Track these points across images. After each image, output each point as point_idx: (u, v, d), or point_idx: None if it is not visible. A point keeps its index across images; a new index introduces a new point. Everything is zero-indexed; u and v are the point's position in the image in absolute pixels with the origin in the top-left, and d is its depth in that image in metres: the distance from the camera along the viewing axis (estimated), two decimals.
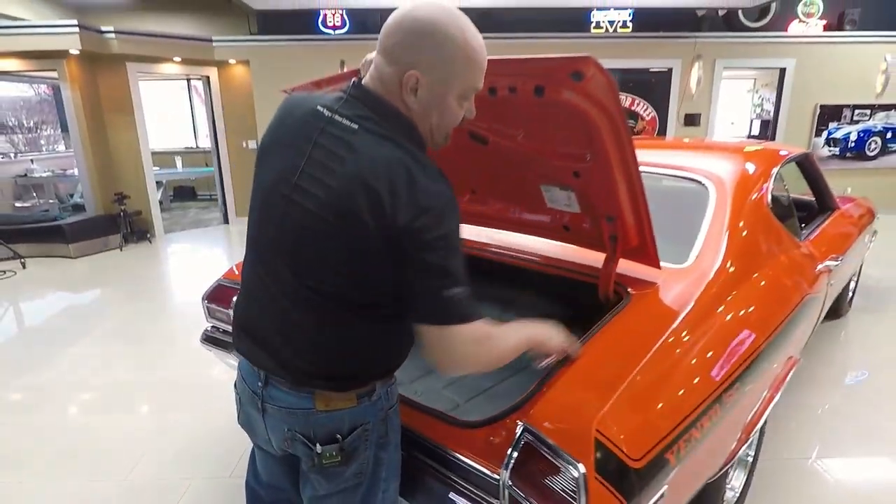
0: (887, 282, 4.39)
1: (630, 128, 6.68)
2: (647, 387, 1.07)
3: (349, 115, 0.87)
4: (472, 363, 0.93)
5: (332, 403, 0.94)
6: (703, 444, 1.11)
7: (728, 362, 1.23)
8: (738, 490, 1.78)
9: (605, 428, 0.94)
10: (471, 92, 0.92)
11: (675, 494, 1.10)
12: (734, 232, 1.60)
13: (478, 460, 1.07)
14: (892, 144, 6.94)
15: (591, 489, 0.88)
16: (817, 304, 1.92)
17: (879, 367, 2.98)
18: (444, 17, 0.84)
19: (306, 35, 6.35)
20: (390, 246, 0.83)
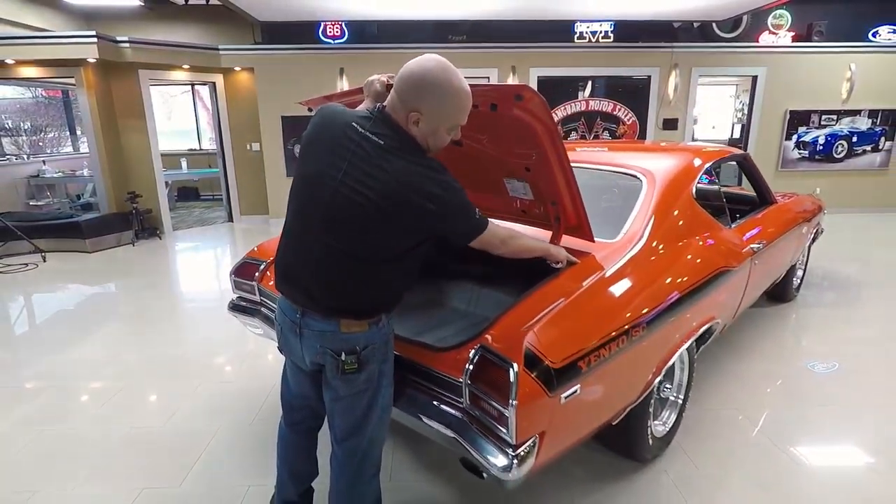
0: (841, 273, 4.81)
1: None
2: (568, 316, 1.48)
3: (377, 132, 1.27)
4: (509, 246, 1.49)
5: (351, 328, 1.35)
6: (612, 363, 1.51)
7: (637, 307, 1.64)
8: (668, 426, 2.20)
9: (534, 341, 1.36)
10: (456, 126, 1.34)
11: (592, 396, 1.51)
12: (659, 215, 2.02)
13: (449, 372, 1.48)
14: (858, 148, 7.40)
15: (521, 380, 1.29)
16: (735, 277, 2.33)
17: (815, 341, 3.41)
18: (442, 76, 1.24)
19: (307, 44, 6.76)
20: (430, 225, 1.29)
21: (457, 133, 1.37)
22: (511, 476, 1.31)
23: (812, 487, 2.01)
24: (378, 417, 1.45)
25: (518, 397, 1.27)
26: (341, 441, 1.47)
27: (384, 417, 1.48)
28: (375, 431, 1.47)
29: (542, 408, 1.33)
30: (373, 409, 1.43)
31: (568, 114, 7.17)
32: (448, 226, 1.34)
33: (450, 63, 1.27)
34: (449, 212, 1.30)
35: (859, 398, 2.65)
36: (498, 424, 1.33)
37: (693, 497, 1.96)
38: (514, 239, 1.51)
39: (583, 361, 1.42)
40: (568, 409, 1.41)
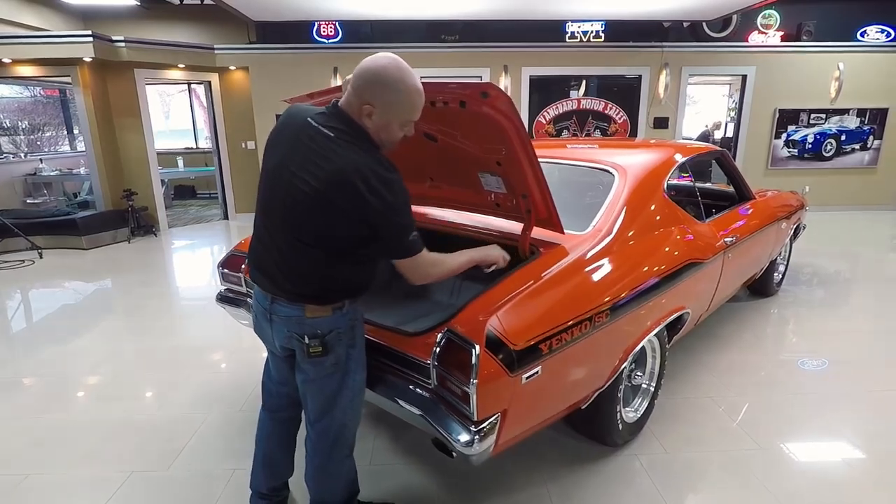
0: (828, 270, 4.89)
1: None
2: (531, 302, 1.56)
3: (329, 126, 1.34)
4: (431, 277, 1.47)
5: (315, 313, 1.43)
6: (575, 347, 1.59)
7: (601, 294, 1.72)
8: (640, 413, 2.28)
9: (496, 324, 1.43)
10: (408, 122, 1.39)
11: (555, 378, 1.59)
12: (629, 208, 2.10)
13: (419, 355, 1.56)
14: (846, 146, 7.49)
15: (482, 361, 1.36)
16: (707, 269, 2.41)
17: (794, 335, 3.50)
18: (396, 73, 1.31)
19: (302, 44, 6.83)
20: (365, 217, 1.29)
21: (409, 130, 1.42)
22: (474, 451, 1.39)
23: (781, 473, 2.09)
24: (349, 400, 1.52)
25: (479, 376, 1.35)
26: (314, 423, 1.55)
27: (355, 401, 1.56)
28: (346, 414, 1.54)
29: (502, 387, 1.41)
30: (342, 392, 1.50)
31: (560, 113, 7.25)
32: (383, 232, 1.33)
33: (403, 62, 1.34)
34: (389, 216, 1.31)
35: (833, 389, 2.73)
36: (461, 402, 1.41)
37: (663, 481, 2.04)
38: (440, 266, 1.47)
39: (544, 344, 1.50)
40: (529, 389, 1.49)
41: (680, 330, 2.38)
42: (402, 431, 2.35)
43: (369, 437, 2.33)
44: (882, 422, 2.43)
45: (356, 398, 1.56)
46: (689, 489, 2.00)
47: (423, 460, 2.17)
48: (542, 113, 7.23)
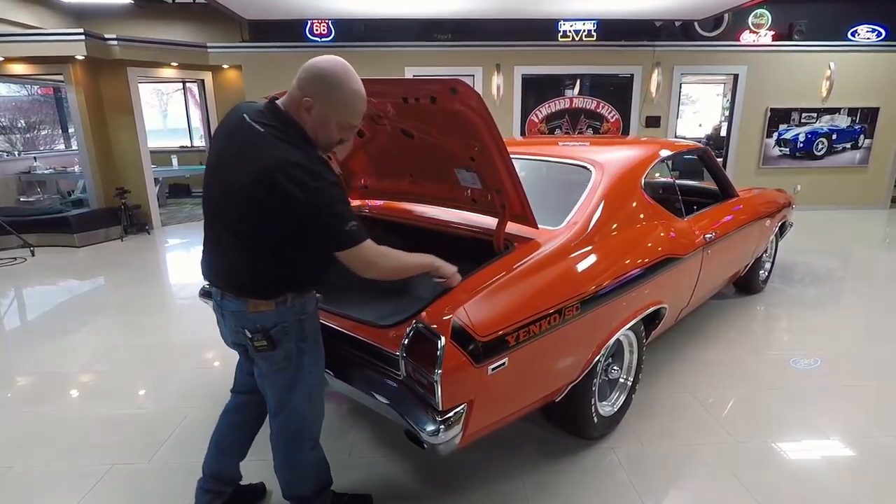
0: (818, 268, 4.92)
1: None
2: (499, 295, 1.59)
3: (261, 121, 1.34)
4: (378, 269, 1.42)
5: (258, 307, 1.42)
6: (544, 340, 1.62)
7: (571, 288, 1.75)
8: (616, 407, 2.31)
9: (463, 316, 1.46)
10: (347, 125, 1.39)
11: (523, 370, 1.62)
12: (605, 204, 2.13)
13: (390, 347, 1.59)
14: (838, 145, 7.52)
15: (447, 352, 1.39)
16: (685, 265, 2.43)
17: (778, 332, 3.53)
18: (342, 74, 1.33)
19: (294, 42, 6.86)
20: (293, 212, 1.27)
21: (349, 136, 1.43)
22: (440, 440, 1.41)
23: (754, 466, 2.12)
24: (305, 395, 1.53)
25: (443, 367, 1.37)
26: (274, 416, 1.58)
27: (313, 395, 1.56)
28: (305, 407, 1.55)
29: (467, 377, 1.43)
30: (296, 386, 1.51)
31: (552, 111, 7.28)
32: (314, 225, 1.32)
33: (351, 67, 1.36)
34: (316, 206, 1.29)
35: (813, 385, 2.76)
36: (428, 393, 1.43)
37: (637, 474, 2.06)
38: (387, 259, 1.43)
39: (511, 336, 1.52)
40: (496, 380, 1.51)
41: (658, 325, 2.40)
42: (381, 425, 2.38)
43: (349, 431, 2.36)
44: (860, 416, 2.46)
45: (314, 392, 1.57)
46: (662, 482, 2.03)
47: (402, 453, 2.20)
48: (534, 112, 7.26)
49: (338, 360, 1.74)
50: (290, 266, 1.41)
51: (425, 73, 6.98)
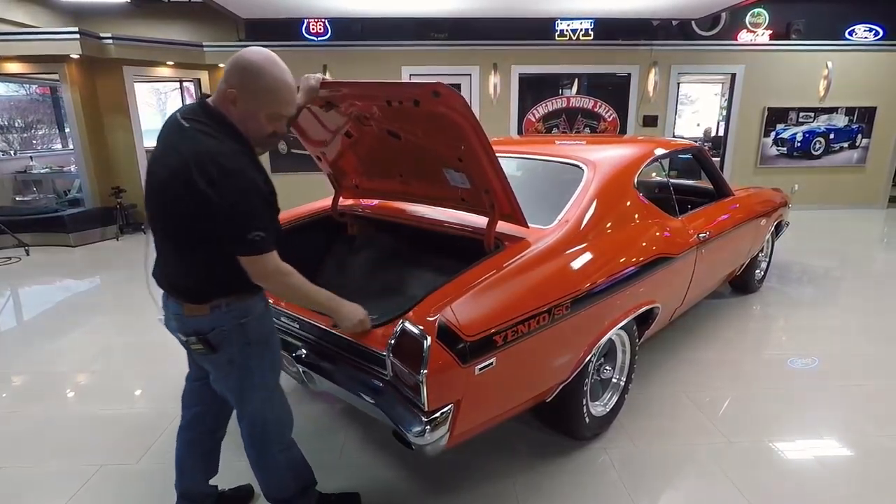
0: (816, 268, 4.91)
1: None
2: (487, 294, 1.57)
3: (188, 117, 1.32)
4: (272, 284, 1.36)
5: (193, 312, 1.38)
6: (533, 339, 1.61)
7: (560, 287, 1.73)
8: (609, 407, 2.29)
9: (449, 315, 1.45)
10: (277, 116, 1.36)
11: (512, 370, 1.60)
12: (596, 203, 2.11)
13: (376, 347, 1.57)
14: (835, 145, 7.51)
15: (433, 351, 1.38)
16: (678, 265, 2.42)
17: (773, 331, 3.52)
18: (265, 64, 1.30)
19: (291, 41, 6.83)
20: (205, 208, 1.23)
21: (281, 127, 1.40)
22: (426, 441, 1.40)
23: (747, 466, 2.10)
24: (262, 398, 1.50)
25: (429, 367, 1.36)
26: (239, 419, 1.55)
27: (271, 399, 1.53)
28: (264, 411, 1.52)
29: (454, 377, 1.42)
30: (247, 392, 1.48)
31: (549, 111, 7.26)
32: (222, 224, 1.25)
33: (276, 56, 1.34)
34: (223, 203, 1.22)
35: (810, 386, 2.75)
36: (414, 393, 1.42)
37: (628, 474, 2.05)
38: (286, 280, 1.36)
39: (498, 336, 1.51)
40: (484, 380, 1.50)
41: (651, 325, 2.39)
42: (372, 426, 2.36)
43: (340, 431, 2.35)
44: (855, 416, 2.45)
45: (273, 395, 1.53)
46: (654, 482, 2.02)
47: (393, 454, 2.18)
48: (531, 111, 7.24)
49: (325, 359, 1.72)
50: (219, 268, 1.32)
51: (422, 72, 6.96)
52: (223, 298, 1.38)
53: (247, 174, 1.27)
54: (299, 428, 2.38)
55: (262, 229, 1.27)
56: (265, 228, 1.28)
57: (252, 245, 1.27)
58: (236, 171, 1.25)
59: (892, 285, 4.35)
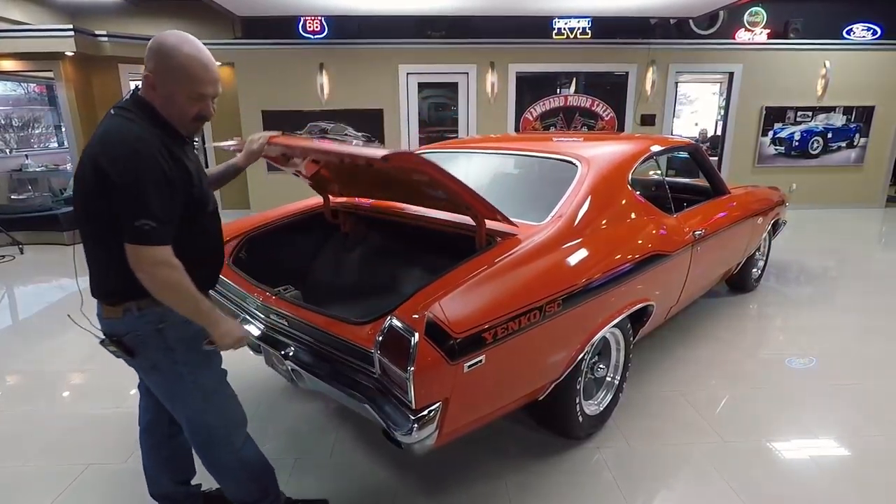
0: (813, 267, 4.89)
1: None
2: (476, 290, 1.54)
3: (117, 107, 1.29)
4: (149, 278, 1.22)
5: (108, 314, 1.35)
6: (523, 337, 1.58)
7: (553, 284, 1.71)
8: (603, 406, 2.27)
9: (437, 312, 1.42)
10: (196, 95, 1.30)
11: (502, 367, 1.58)
12: (590, 199, 2.09)
13: (364, 344, 1.54)
14: (833, 144, 7.49)
15: (421, 348, 1.35)
16: (673, 262, 2.40)
17: (769, 331, 3.50)
18: (173, 41, 1.27)
19: (288, 40, 6.80)
20: (103, 188, 1.18)
21: (204, 108, 1.35)
22: (413, 439, 1.37)
23: (741, 466, 2.08)
24: (199, 403, 1.44)
25: (417, 364, 1.34)
26: (182, 423, 1.51)
27: (213, 400, 1.47)
28: (204, 416, 1.46)
29: (442, 375, 1.39)
30: (180, 397, 1.43)
31: (547, 109, 7.24)
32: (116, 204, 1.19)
33: (191, 37, 1.30)
34: (121, 184, 1.16)
35: (806, 385, 2.73)
36: (401, 391, 1.39)
37: (622, 474, 2.03)
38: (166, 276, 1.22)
39: (488, 333, 1.48)
40: (473, 378, 1.48)
41: (645, 323, 2.37)
42: (364, 425, 2.34)
43: (332, 431, 2.32)
44: (851, 415, 2.43)
45: (211, 398, 1.46)
46: (648, 483, 2.00)
47: (383, 454, 2.16)
48: (528, 110, 7.22)
49: (314, 357, 1.70)
50: (129, 269, 1.22)
51: (420, 70, 6.94)
52: (134, 302, 1.31)
53: (150, 159, 1.20)
54: (290, 427, 2.39)
55: (154, 219, 1.19)
56: (158, 220, 1.19)
57: (137, 233, 1.18)
58: (139, 152, 1.19)
59: (889, 284, 4.34)
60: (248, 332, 1.55)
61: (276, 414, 2.47)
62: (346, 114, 6.95)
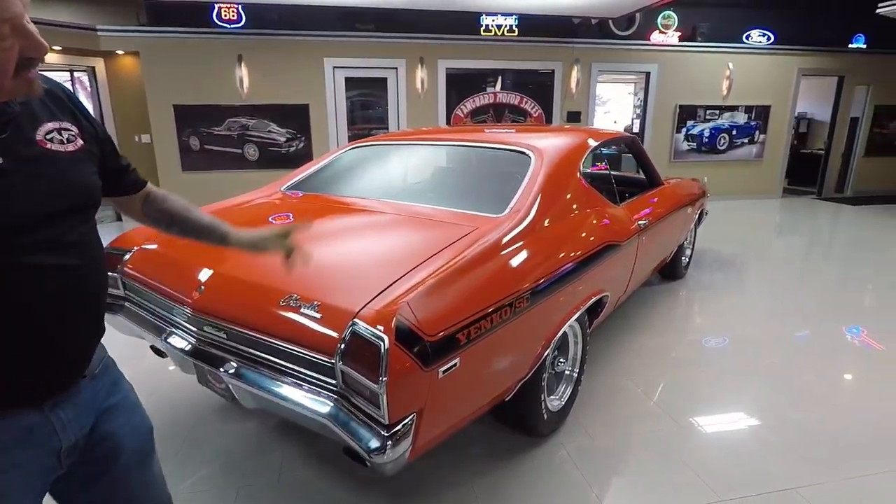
0: (726, 254, 5.22)
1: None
2: (445, 288, 1.42)
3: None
4: None
5: None
6: (495, 335, 1.48)
7: (520, 278, 1.63)
8: (564, 400, 2.23)
9: (407, 313, 1.28)
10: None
11: (475, 370, 1.47)
12: (546, 189, 2.03)
13: (319, 354, 1.36)
14: (737, 140, 8.12)
15: (392, 355, 1.21)
16: (623, 252, 2.41)
17: (702, 315, 3.66)
18: None
19: (200, 28, 6.29)
20: None
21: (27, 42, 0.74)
22: (387, 458, 1.23)
23: (697, 448, 2.12)
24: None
25: (389, 373, 1.19)
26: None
27: None
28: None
29: (416, 383, 1.26)
30: None
31: (477, 106, 7.24)
32: None
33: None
34: None
35: (736, 364, 2.85)
36: (370, 404, 1.24)
37: (588, 467, 1.99)
38: None
39: (461, 334, 1.37)
40: (448, 383, 1.35)
41: (600, 314, 2.36)
42: (312, 439, 2.14)
43: (276, 450, 2.10)
44: (778, 391, 2.56)
45: None
46: (613, 473, 1.97)
47: (339, 469, 1.98)
48: (459, 107, 7.19)
49: (260, 372, 1.50)
50: None
51: (346, 64, 6.68)
52: None
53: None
54: (228, 450, 2.14)
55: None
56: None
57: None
58: None
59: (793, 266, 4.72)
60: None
61: (210, 436, 2.21)
62: (269, 109, 6.55)
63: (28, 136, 0.81)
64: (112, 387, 1.02)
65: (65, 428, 0.90)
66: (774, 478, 1.93)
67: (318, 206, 2.27)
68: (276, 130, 6.64)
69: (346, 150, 2.72)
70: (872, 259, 5.07)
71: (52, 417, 0.88)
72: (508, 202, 1.95)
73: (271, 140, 6.66)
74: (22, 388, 0.84)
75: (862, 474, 1.96)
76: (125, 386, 1.07)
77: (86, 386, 0.94)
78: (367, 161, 2.59)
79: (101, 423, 0.98)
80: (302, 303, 1.42)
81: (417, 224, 1.89)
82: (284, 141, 6.67)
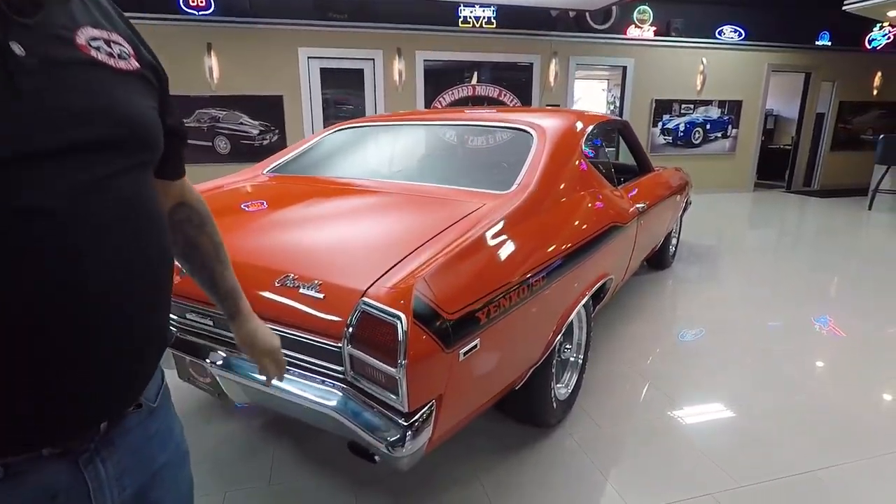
0: (706, 243, 5.25)
1: None
2: (463, 263, 1.29)
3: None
4: None
5: None
6: (512, 316, 1.37)
7: (536, 256, 1.52)
8: (570, 388, 2.13)
9: (424, 289, 1.15)
10: None
11: (493, 353, 1.35)
12: (550, 167, 1.93)
13: (325, 337, 1.22)
14: (711, 134, 8.24)
15: (411, 335, 1.08)
16: (625, 234, 2.33)
17: (687, 303, 3.64)
18: None
19: (167, 14, 5.99)
20: None
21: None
22: (406, 452, 1.09)
23: (711, 436, 2.05)
24: None
25: (409, 355, 1.06)
26: None
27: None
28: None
29: (437, 366, 1.13)
30: None
31: (456, 98, 7.14)
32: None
33: None
34: None
35: (742, 353, 2.82)
36: (387, 391, 1.11)
37: (599, 457, 1.90)
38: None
39: (481, 312, 1.25)
40: (467, 367, 1.23)
41: (603, 299, 2.28)
42: (305, 438, 1.99)
43: (266, 451, 1.94)
44: (771, 378, 2.53)
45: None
46: (625, 461, 1.88)
47: (336, 470, 1.83)
48: (438, 99, 7.07)
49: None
50: None
51: (321, 54, 6.48)
52: None
53: None
54: (213, 453, 1.96)
55: None
56: None
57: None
58: None
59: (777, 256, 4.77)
60: None
61: (192, 439, 2.02)
62: (241, 100, 6.29)
63: (63, 35, 0.55)
64: (168, 434, 0.72)
65: (102, 490, 0.59)
66: (790, 462, 1.88)
67: (312, 188, 2.11)
68: (248, 123, 6.39)
69: (335, 131, 2.57)
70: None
71: (87, 475, 0.58)
72: (514, 179, 1.84)
73: (243, 133, 6.39)
74: (39, 419, 0.51)
75: (881, 454, 1.92)
76: (178, 428, 0.77)
77: (136, 425, 0.64)
78: (361, 142, 2.44)
79: (147, 491, 0.67)
80: (300, 283, 1.27)
81: (421, 202, 1.75)
82: (257, 134, 6.42)
